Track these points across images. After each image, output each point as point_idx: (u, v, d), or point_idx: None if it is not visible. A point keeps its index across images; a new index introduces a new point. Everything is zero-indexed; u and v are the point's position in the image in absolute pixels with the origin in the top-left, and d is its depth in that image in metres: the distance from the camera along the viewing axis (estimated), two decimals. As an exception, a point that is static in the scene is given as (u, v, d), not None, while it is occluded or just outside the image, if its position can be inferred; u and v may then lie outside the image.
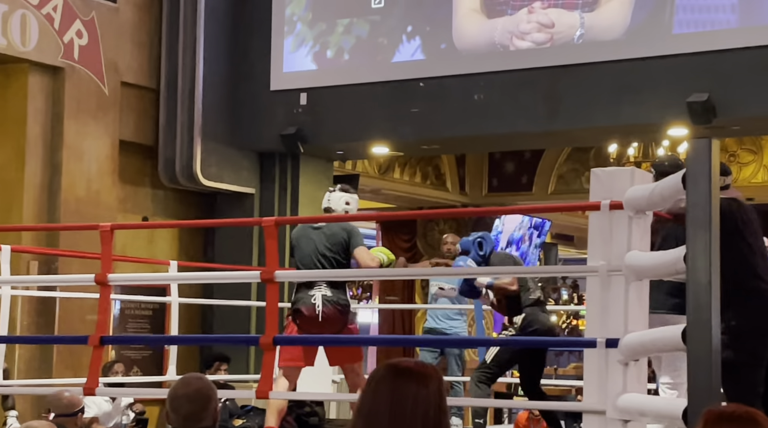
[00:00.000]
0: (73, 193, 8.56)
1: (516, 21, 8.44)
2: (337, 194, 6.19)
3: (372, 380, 2.09)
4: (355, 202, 6.22)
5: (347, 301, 5.96)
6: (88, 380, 5.11)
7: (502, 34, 8.49)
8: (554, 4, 8.33)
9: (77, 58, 8.64)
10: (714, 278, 3.35)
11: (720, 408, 2.24)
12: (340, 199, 6.15)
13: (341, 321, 5.87)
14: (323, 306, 5.84)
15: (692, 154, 3.49)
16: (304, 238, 6.03)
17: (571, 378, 11.62)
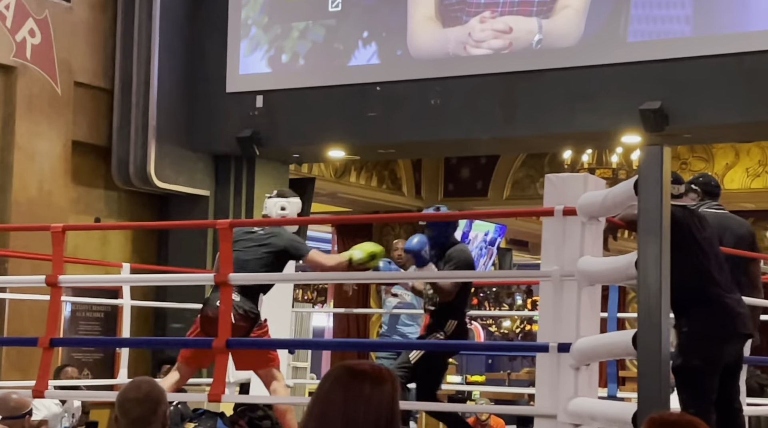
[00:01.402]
0: (25, 194, 8.46)
1: (470, 29, 8.48)
2: (273, 200, 6.10)
3: (326, 381, 2.08)
4: (294, 206, 6.08)
5: (253, 309, 5.81)
6: (38, 382, 5.05)
7: (456, 43, 8.52)
8: (509, 11, 8.38)
9: (29, 58, 8.54)
10: (664, 283, 3.39)
11: (662, 414, 2.26)
12: (275, 205, 6.06)
13: (244, 327, 5.75)
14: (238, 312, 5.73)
15: (644, 161, 3.53)
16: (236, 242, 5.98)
17: (524, 382, 11.69)
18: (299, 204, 6.15)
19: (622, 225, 4.41)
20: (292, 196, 6.18)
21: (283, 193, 6.20)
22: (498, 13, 8.38)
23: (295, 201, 6.14)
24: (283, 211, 6.04)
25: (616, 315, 6.65)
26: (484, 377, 14.14)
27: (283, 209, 6.05)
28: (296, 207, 6.11)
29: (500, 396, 10.86)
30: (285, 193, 6.21)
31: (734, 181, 11.66)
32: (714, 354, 4.22)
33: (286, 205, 6.07)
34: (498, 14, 8.38)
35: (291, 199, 6.13)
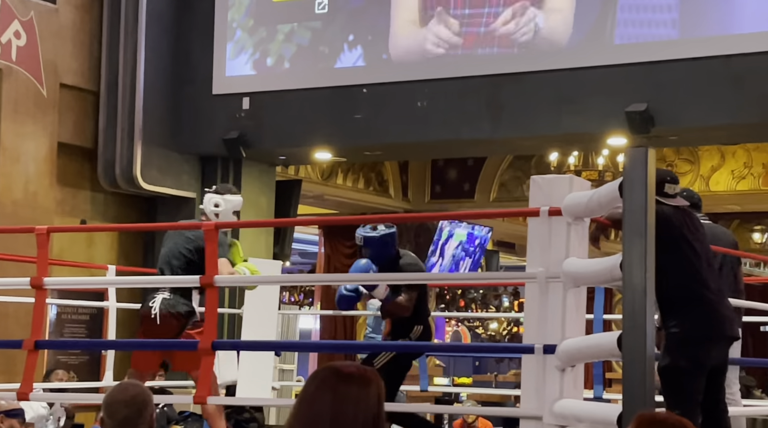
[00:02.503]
0: (10, 196, 8.42)
1: (452, 31, 8.48)
2: (208, 196, 5.93)
3: (312, 383, 2.08)
4: (230, 204, 5.87)
5: (187, 307, 5.74)
6: (22, 385, 5.03)
7: (438, 44, 8.52)
8: (495, 13, 8.38)
9: (15, 59, 8.50)
10: (649, 285, 3.40)
11: (652, 413, 2.26)
12: (210, 201, 5.89)
13: (176, 326, 5.71)
14: (159, 310, 5.70)
15: (629, 162, 3.54)
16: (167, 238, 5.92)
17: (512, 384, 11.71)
18: (236, 201, 5.92)
19: (609, 224, 4.42)
20: (229, 192, 5.97)
21: (221, 190, 6.00)
22: (483, 16, 8.39)
23: (231, 198, 5.91)
24: (217, 208, 5.86)
25: (602, 317, 6.67)
26: (471, 379, 14.17)
27: (217, 206, 5.87)
28: (232, 204, 5.88)
29: (487, 398, 10.88)
30: (222, 190, 6.00)
31: (720, 183, 11.70)
32: (700, 356, 4.23)
33: (221, 202, 5.88)
34: (483, 17, 8.39)
35: (227, 196, 5.91)
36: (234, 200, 5.92)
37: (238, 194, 6.03)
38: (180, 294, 5.74)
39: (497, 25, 8.32)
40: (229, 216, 5.87)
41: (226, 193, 5.94)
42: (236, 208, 5.93)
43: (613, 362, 10.79)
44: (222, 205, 5.87)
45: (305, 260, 17.00)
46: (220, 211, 5.85)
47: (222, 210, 5.86)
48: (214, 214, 5.85)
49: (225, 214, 5.85)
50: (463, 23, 8.45)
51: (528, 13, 8.22)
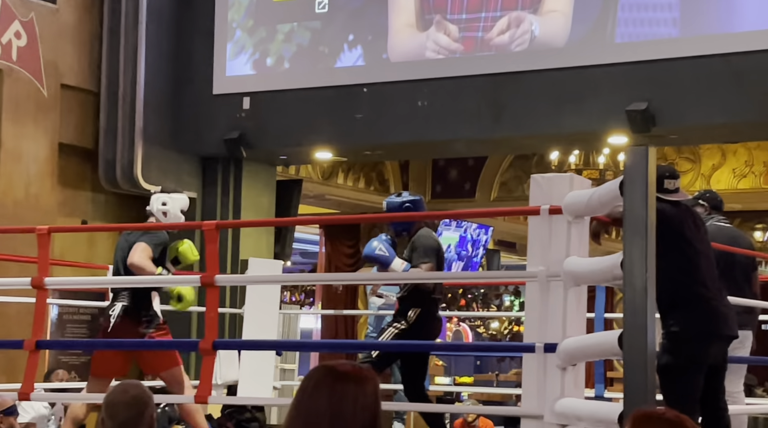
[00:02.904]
0: (11, 196, 8.43)
1: (453, 35, 8.48)
2: (155, 196, 6.00)
3: (308, 382, 2.08)
4: (177, 202, 5.94)
5: (147, 313, 5.78)
6: (24, 385, 5.03)
7: (438, 50, 8.51)
8: (492, 17, 8.37)
9: (15, 59, 8.51)
10: (650, 283, 3.40)
11: (649, 409, 2.26)
12: (157, 201, 5.96)
13: (136, 333, 5.75)
14: (117, 318, 5.74)
15: (630, 161, 3.54)
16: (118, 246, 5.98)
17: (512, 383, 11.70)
18: (182, 199, 6.00)
19: (610, 221, 4.41)
20: (176, 191, 6.07)
21: (169, 189, 6.11)
22: (480, 20, 8.38)
23: (178, 196, 5.99)
24: (164, 207, 5.93)
25: (603, 316, 6.67)
26: (472, 378, 14.16)
27: (164, 204, 5.94)
28: (179, 202, 5.95)
29: (488, 397, 10.87)
30: (167, 189, 6.10)
31: (721, 181, 11.70)
32: (699, 354, 4.23)
33: (168, 200, 5.95)
34: (480, 21, 8.38)
35: (173, 194, 6.00)
36: (180, 198, 6.00)
37: (183, 193, 6.11)
38: (140, 300, 5.76)
39: (492, 35, 8.31)
40: (177, 215, 5.93)
41: (172, 192, 6.04)
42: (183, 206, 5.99)
43: (615, 361, 10.79)
44: (169, 203, 5.95)
45: (306, 260, 17.01)
46: (167, 210, 5.93)
47: (169, 208, 5.93)
48: (162, 212, 5.93)
49: (173, 212, 5.92)
50: (461, 28, 8.45)
51: (523, 24, 8.18)
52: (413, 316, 5.89)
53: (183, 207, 5.99)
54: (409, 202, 6.00)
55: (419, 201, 6.04)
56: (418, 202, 6.03)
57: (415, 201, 6.02)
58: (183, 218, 6.00)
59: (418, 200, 6.04)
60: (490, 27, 8.30)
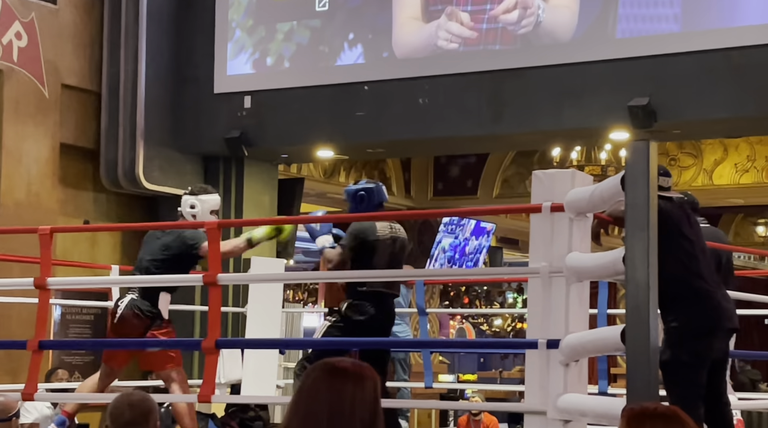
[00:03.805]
0: (12, 197, 8.43)
1: (455, 24, 8.48)
2: (184, 198, 5.96)
3: (307, 379, 2.08)
4: (206, 204, 5.87)
5: (150, 308, 5.78)
6: (27, 385, 5.04)
7: (442, 39, 8.51)
8: (494, 8, 8.37)
9: (16, 60, 8.51)
10: (652, 279, 3.39)
11: (641, 405, 2.26)
12: (186, 203, 5.93)
13: (139, 326, 5.76)
14: (124, 310, 5.76)
15: (631, 157, 3.53)
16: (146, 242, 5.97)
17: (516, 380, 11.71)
18: (212, 200, 5.93)
19: (610, 220, 4.42)
20: (204, 192, 5.98)
21: (197, 190, 6.02)
22: (486, 11, 8.38)
23: (207, 198, 5.91)
24: (193, 210, 5.88)
25: (606, 312, 6.66)
26: (476, 376, 14.17)
27: (193, 207, 5.89)
28: (208, 204, 5.89)
29: (492, 394, 10.88)
30: (196, 191, 6.01)
31: (723, 176, 11.69)
32: (702, 349, 4.23)
33: (196, 203, 5.90)
34: (486, 12, 8.38)
35: (202, 196, 5.93)
36: (209, 200, 5.93)
37: (213, 193, 6.02)
38: (147, 296, 5.78)
39: (498, 12, 8.29)
40: (206, 216, 5.86)
41: (201, 194, 5.96)
42: (213, 207, 5.93)
43: (618, 357, 10.79)
44: (198, 205, 5.89)
45: (309, 258, 17.01)
46: (196, 213, 5.88)
47: (198, 211, 5.88)
48: (191, 215, 5.89)
49: (202, 214, 5.86)
50: (464, 18, 8.44)
51: (531, 7, 8.19)
52: (344, 309, 5.80)
53: (213, 207, 5.92)
54: (363, 189, 5.93)
55: (373, 189, 5.93)
56: (372, 189, 5.92)
57: (369, 189, 5.92)
58: (214, 218, 5.91)
59: (372, 188, 5.94)
60: (496, 16, 8.29)
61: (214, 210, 5.93)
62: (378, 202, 5.94)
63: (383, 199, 5.97)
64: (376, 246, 5.79)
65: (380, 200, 5.95)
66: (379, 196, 5.96)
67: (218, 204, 5.99)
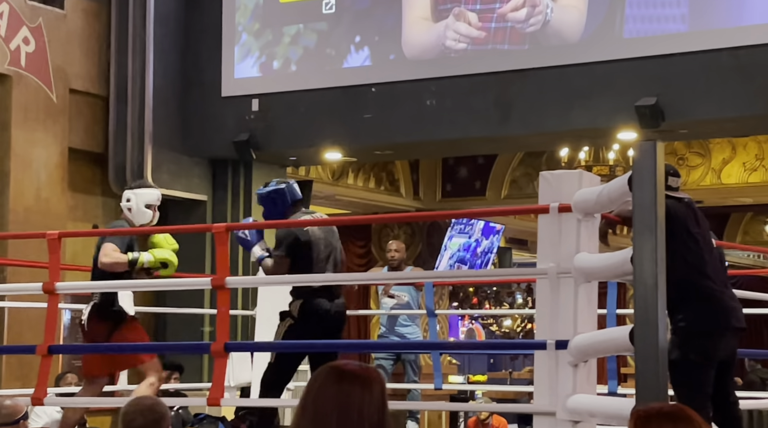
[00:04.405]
0: (22, 202, 8.45)
1: (464, 24, 8.48)
2: (124, 192, 5.94)
3: (315, 382, 2.08)
4: (140, 197, 5.83)
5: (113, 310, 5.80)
6: (36, 390, 5.05)
7: (451, 39, 8.51)
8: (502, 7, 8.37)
9: (24, 65, 8.54)
10: (660, 279, 3.38)
11: (647, 406, 2.26)
12: (123, 197, 5.92)
13: (103, 329, 5.78)
14: (87, 316, 5.78)
15: (638, 157, 3.53)
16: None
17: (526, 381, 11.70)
18: (147, 194, 5.87)
19: (618, 220, 4.41)
20: (141, 187, 5.97)
21: (133, 185, 6.03)
22: (494, 9, 8.37)
23: (142, 192, 5.88)
24: (128, 203, 5.87)
25: (615, 312, 6.65)
26: (486, 377, 14.15)
27: (128, 201, 5.88)
28: (142, 198, 5.84)
29: (502, 395, 10.87)
30: (134, 185, 6.02)
31: (731, 175, 11.66)
32: (710, 349, 4.23)
33: (132, 196, 5.88)
34: (494, 10, 8.37)
35: (137, 190, 5.91)
36: (145, 193, 5.89)
37: (151, 188, 5.99)
38: (106, 299, 5.79)
39: (506, 10, 8.29)
40: (141, 210, 5.85)
41: (138, 187, 5.95)
42: (148, 201, 5.88)
43: (628, 356, 10.77)
44: (133, 199, 5.87)
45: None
46: (131, 206, 5.87)
47: (133, 204, 5.86)
48: (126, 208, 5.88)
49: (137, 207, 5.84)
50: (472, 17, 8.44)
51: (540, 3, 8.18)
52: (295, 310, 5.72)
53: (148, 201, 5.87)
54: (274, 190, 5.82)
55: (283, 189, 5.81)
56: (282, 190, 5.80)
57: (280, 189, 5.81)
58: (151, 213, 5.88)
59: (281, 189, 5.81)
60: (504, 14, 8.28)
61: (150, 204, 5.89)
62: (292, 200, 5.82)
63: (296, 197, 5.84)
64: (311, 242, 5.68)
65: (293, 199, 5.82)
66: (292, 194, 5.83)
67: (156, 198, 5.93)
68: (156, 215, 5.94)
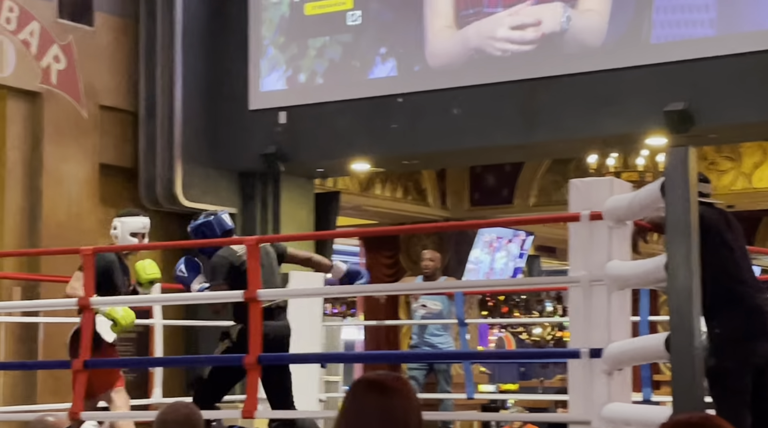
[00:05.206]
0: (54, 218, 8.53)
1: (490, 29, 8.48)
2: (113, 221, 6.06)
3: (355, 395, 2.09)
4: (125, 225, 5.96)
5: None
6: (73, 405, 5.09)
7: (476, 46, 8.52)
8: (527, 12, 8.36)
9: (55, 83, 8.63)
10: (695, 285, 3.37)
11: (675, 417, 2.25)
12: (112, 225, 6.06)
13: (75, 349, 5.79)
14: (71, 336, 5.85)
15: (669, 163, 3.52)
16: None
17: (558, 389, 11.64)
18: (132, 222, 6.00)
19: (650, 227, 4.40)
20: (128, 215, 6.09)
21: (121, 213, 6.15)
22: (518, 15, 8.37)
23: (127, 220, 6.01)
24: (114, 231, 6.02)
25: (648, 319, 6.62)
26: (517, 385, 14.10)
27: (114, 228, 6.03)
28: (127, 226, 5.98)
29: (534, 403, 10.82)
30: (122, 213, 6.14)
31: (763, 179, 11.57)
32: (746, 355, 4.20)
33: (117, 224, 6.03)
34: (517, 16, 8.37)
35: (123, 218, 6.05)
36: (129, 222, 6.02)
37: (138, 216, 6.09)
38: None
39: (529, 17, 8.28)
40: (126, 238, 5.98)
41: (124, 216, 6.08)
42: (133, 229, 6.01)
43: (661, 364, 10.70)
44: (119, 227, 6.02)
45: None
46: (117, 234, 6.03)
47: (118, 232, 6.02)
48: (114, 236, 6.03)
49: (122, 235, 5.99)
50: (496, 19, 8.45)
51: (562, 10, 8.17)
52: (234, 333, 5.78)
53: (133, 229, 6.00)
54: (202, 224, 5.91)
55: (211, 221, 5.88)
56: (211, 222, 5.88)
57: (207, 222, 5.89)
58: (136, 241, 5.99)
59: (210, 221, 5.89)
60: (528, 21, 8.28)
61: (135, 232, 6.01)
62: (221, 231, 5.86)
63: (225, 228, 5.88)
64: (243, 269, 5.62)
65: (223, 229, 5.86)
66: (221, 225, 5.87)
67: (142, 226, 6.04)
68: (143, 242, 6.06)
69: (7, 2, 8.34)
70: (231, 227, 5.97)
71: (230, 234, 5.96)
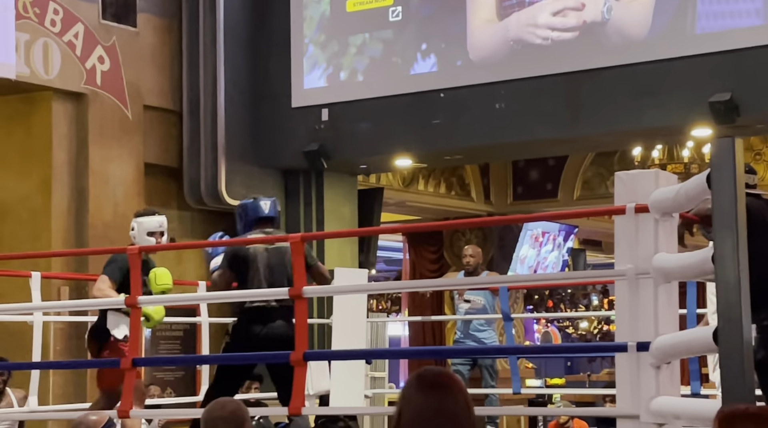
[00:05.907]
0: (100, 218, 8.63)
1: (532, 15, 8.43)
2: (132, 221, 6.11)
3: (411, 390, 2.13)
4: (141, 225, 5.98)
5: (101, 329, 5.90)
6: (122, 403, 5.14)
7: (517, 36, 8.48)
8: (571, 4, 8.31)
9: (100, 84, 8.72)
10: (743, 277, 3.33)
11: (732, 407, 2.23)
12: (130, 226, 6.11)
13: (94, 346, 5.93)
14: (88, 333, 5.98)
15: (716, 154, 3.47)
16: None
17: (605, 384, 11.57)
18: (148, 222, 6.02)
19: (697, 220, 4.35)
20: (144, 215, 6.11)
21: (138, 213, 6.18)
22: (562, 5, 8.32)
23: (143, 220, 6.04)
24: (132, 232, 6.05)
25: (696, 312, 6.56)
26: (563, 380, 14.04)
27: (132, 229, 6.07)
28: (144, 226, 6.00)
29: (581, 398, 10.77)
30: (138, 213, 6.17)
31: (810, 169, 11.41)
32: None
33: (134, 225, 6.06)
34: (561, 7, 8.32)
35: (140, 218, 6.07)
36: (145, 222, 6.04)
37: (153, 216, 6.10)
38: (100, 318, 5.96)
39: (572, 8, 8.22)
40: (144, 238, 5.99)
41: (140, 216, 6.11)
42: (149, 228, 6.02)
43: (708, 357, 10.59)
44: (136, 227, 6.06)
45: (391, 267, 17.06)
46: (134, 234, 6.07)
47: (135, 232, 6.06)
48: (132, 237, 6.06)
49: (139, 235, 6.02)
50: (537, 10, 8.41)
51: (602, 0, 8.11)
52: (230, 329, 5.83)
53: (149, 228, 6.02)
54: (239, 206, 5.95)
55: (247, 205, 5.86)
56: (246, 205, 5.86)
57: (244, 205, 5.89)
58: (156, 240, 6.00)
59: (246, 204, 5.88)
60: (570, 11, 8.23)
61: (152, 231, 6.03)
62: (253, 218, 5.82)
63: (258, 214, 5.81)
64: (248, 260, 5.67)
65: (255, 216, 5.81)
66: (254, 211, 5.81)
67: (158, 225, 6.05)
68: (161, 241, 6.08)
69: (52, 4, 8.45)
70: (266, 215, 5.87)
71: (265, 222, 5.90)
